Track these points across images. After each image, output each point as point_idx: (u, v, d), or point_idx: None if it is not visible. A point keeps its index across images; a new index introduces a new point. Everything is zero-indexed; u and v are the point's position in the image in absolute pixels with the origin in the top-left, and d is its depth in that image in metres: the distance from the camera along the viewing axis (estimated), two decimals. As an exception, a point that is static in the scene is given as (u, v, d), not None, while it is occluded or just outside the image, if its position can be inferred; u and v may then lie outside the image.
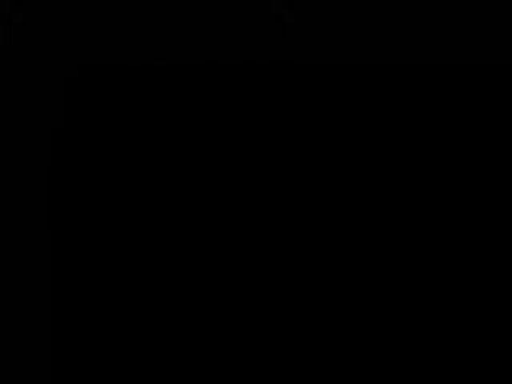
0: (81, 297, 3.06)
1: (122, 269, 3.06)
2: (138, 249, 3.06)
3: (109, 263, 3.06)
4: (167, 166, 3.07)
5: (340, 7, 3.10)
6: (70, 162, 3.07)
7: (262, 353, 3.06)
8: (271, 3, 3.09)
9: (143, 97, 3.07)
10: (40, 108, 3.07)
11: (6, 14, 3.06)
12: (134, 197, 3.07)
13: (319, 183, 3.07)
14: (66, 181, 3.06)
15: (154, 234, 3.06)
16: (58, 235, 3.05)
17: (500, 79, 3.07)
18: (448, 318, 3.06)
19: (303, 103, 3.08)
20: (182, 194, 3.07)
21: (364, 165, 3.07)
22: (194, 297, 3.06)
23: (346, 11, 3.10)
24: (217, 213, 3.07)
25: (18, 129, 3.06)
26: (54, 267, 3.05)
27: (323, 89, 3.08)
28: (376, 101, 3.08)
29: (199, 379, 3.06)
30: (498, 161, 3.07)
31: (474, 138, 3.08)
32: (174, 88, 3.08)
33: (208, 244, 3.06)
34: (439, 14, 3.10)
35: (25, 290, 3.04)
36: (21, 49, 3.08)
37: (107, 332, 3.06)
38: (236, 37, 3.10)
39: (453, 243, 3.06)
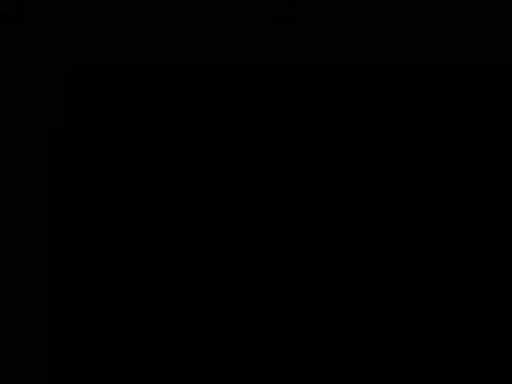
0: (81, 297, 3.06)
1: (122, 268, 3.06)
2: (138, 248, 3.06)
3: (108, 263, 3.06)
4: (167, 166, 3.07)
5: (340, 7, 3.11)
6: (69, 162, 3.07)
7: (262, 353, 3.07)
8: (271, 3, 3.09)
9: (143, 97, 3.08)
10: (40, 108, 3.07)
11: (5, 13, 3.06)
12: (133, 196, 3.07)
13: (319, 182, 3.07)
14: (65, 180, 3.06)
15: (154, 233, 3.06)
16: (58, 234, 3.05)
17: (500, 79, 3.08)
18: (447, 318, 3.06)
19: (303, 103, 3.08)
20: (181, 194, 3.07)
21: (364, 164, 3.07)
22: (194, 297, 3.06)
23: (345, 11, 3.11)
24: (216, 212, 3.07)
25: (18, 129, 3.06)
26: (54, 267, 3.05)
27: (323, 89, 3.09)
28: (376, 100, 3.08)
29: (199, 379, 3.07)
30: (497, 160, 3.07)
31: (474, 137, 3.08)
32: (174, 88, 3.08)
33: (208, 244, 3.06)
34: (439, 14, 3.10)
35: (25, 289, 3.04)
36: (21, 49, 3.08)
37: (107, 332, 3.06)
38: (236, 37, 3.10)
39: (452, 243, 3.06)
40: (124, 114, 3.08)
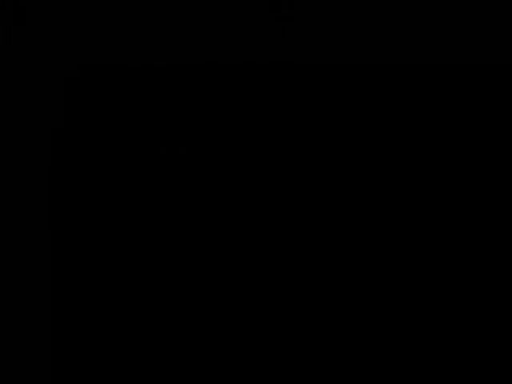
0: (81, 297, 3.06)
1: (122, 268, 3.06)
2: (138, 248, 3.06)
3: (108, 263, 3.06)
4: (167, 166, 3.07)
5: (340, 7, 3.11)
6: (69, 162, 3.07)
7: (262, 353, 3.07)
8: (271, 3, 3.09)
9: (143, 97, 3.08)
10: (40, 108, 3.07)
11: (5, 14, 3.06)
12: (133, 196, 3.07)
13: (319, 182, 3.07)
14: (65, 180, 3.06)
15: (154, 233, 3.06)
16: (58, 234, 3.05)
17: (500, 79, 3.08)
18: (447, 318, 3.06)
19: (303, 103, 3.08)
20: (181, 194, 3.07)
21: (363, 164, 3.07)
22: (194, 297, 3.06)
23: (346, 11, 3.11)
24: (216, 212, 3.07)
25: (18, 129, 3.06)
26: (54, 267, 3.05)
27: (323, 89, 3.09)
28: (376, 100, 3.08)
29: (199, 379, 3.07)
30: (497, 160, 3.07)
31: (474, 137, 3.08)
32: (174, 88, 3.08)
33: (208, 244, 3.06)
34: (439, 14, 3.10)
35: (25, 289, 3.04)
36: (21, 49, 3.08)
37: (107, 332, 3.06)
38: (236, 37, 3.10)
39: (452, 243, 3.06)
40: (124, 114, 3.08)
